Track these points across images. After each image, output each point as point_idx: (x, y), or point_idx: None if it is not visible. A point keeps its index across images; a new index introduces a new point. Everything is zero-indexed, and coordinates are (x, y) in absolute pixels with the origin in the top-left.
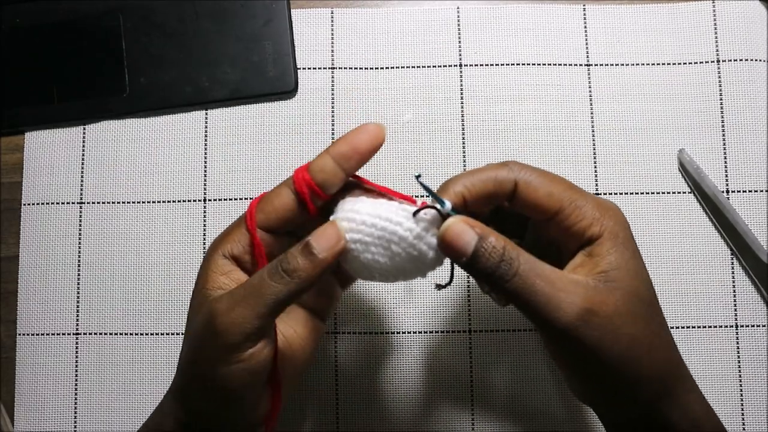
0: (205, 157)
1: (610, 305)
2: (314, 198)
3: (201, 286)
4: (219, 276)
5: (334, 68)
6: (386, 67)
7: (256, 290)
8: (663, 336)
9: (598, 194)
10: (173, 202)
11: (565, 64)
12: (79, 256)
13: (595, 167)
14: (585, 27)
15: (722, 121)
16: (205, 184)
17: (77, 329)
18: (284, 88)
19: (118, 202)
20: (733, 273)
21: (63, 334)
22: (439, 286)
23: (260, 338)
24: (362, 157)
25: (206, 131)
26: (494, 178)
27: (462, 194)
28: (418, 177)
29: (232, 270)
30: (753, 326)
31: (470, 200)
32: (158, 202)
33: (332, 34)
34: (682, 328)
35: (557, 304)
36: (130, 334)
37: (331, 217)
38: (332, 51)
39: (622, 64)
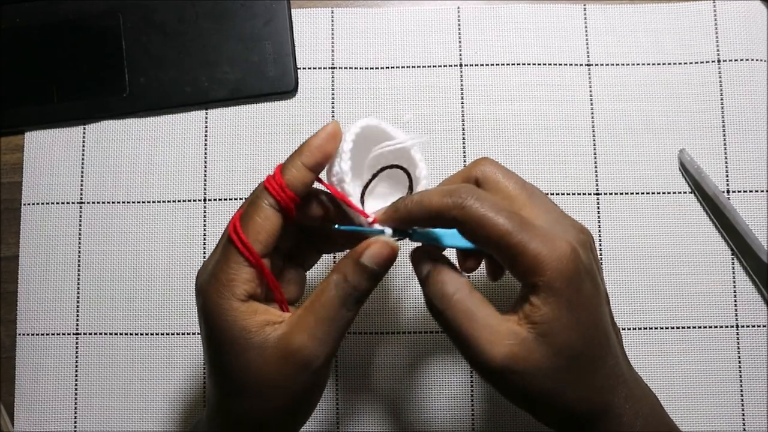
0: (205, 157)
1: (531, 362)
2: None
3: (238, 335)
4: (252, 318)
5: (334, 68)
6: (386, 67)
7: (332, 321)
8: (591, 382)
9: (598, 194)
10: (173, 202)
11: (566, 64)
12: (79, 256)
13: (596, 167)
14: (585, 27)
15: (723, 121)
16: (205, 184)
17: (77, 329)
18: (284, 88)
19: (118, 202)
20: (733, 273)
21: (63, 334)
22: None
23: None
24: (329, 160)
25: (206, 131)
26: (436, 209)
27: (403, 219)
28: (336, 227)
29: (257, 308)
30: (753, 326)
31: (413, 224)
32: (158, 202)
33: (332, 34)
34: (682, 328)
35: (480, 353)
36: (130, 334)
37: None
38: (332, 51)
39: (623, 64)
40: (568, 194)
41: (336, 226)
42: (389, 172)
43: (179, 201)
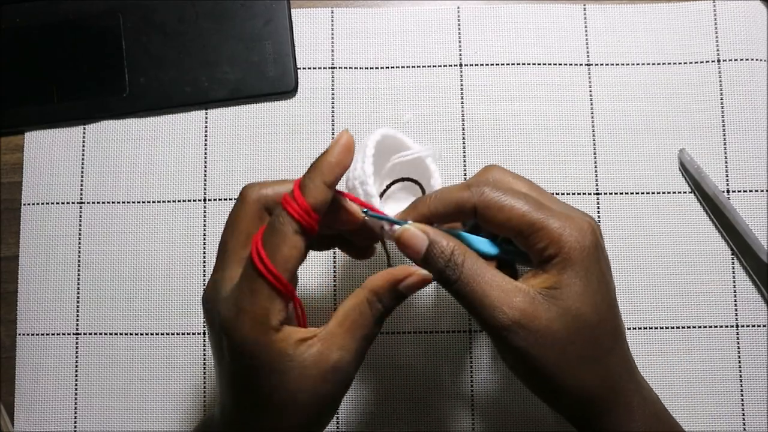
0: (205, 157)
1: (541, 321)
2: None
3: (276, 359)
4: (287, 342)
5: (334, 68)
6: (386, 67)
7: (366, 338)
8: (601, 361)
9: (598, 194)
10: (173, 202)
11: (565, 64)
12: (79, 256)
13: (595, 167)
14: (585, 26)
15: (722, 121)
16: (205, 184)
17: (77, 329)
18: (284, 88)
19: (118, 202)
20: (733, 273)
21: (63, 334)
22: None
23: None
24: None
25: (206, 131)
26: (455, 201)
27: (424, 214)
28: (366, 212)
29: (289, 331)
30: (753, 326)
31: (434, 219)
32: (158, 202)
33: (332, 34)
34: (682, 328)
35: (492, 310)
36: (130, 334)
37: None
38: (332, 51)
39: (623, 64)
40: (568, 194)
41: (365, 210)
42: (404, 182)
43: (179, 201)
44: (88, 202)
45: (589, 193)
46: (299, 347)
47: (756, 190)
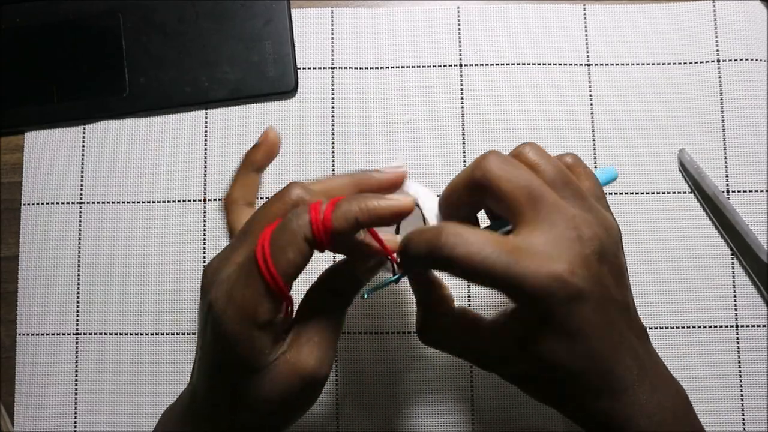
0: (205, 157)
1: (520, 368)
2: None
3: (249, 355)
4: (266, 339)
5: (334, 68)
6: (386, 67)
7: (336, 335)
8: (591, 407)
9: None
10: (173, 202)
11: (565, 64)
12: (79, 256)
13: (595, 167)
14: (585, 26)
15: (722, 121)
16: (205, 184)
17: (77, 329)
18: (284, 88)
19: (118, 202)
20: (733, 273)
21: (63, 334)
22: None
23: None
24: None
25: (206, 131)
26: (466, 202)
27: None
28: (364, 297)
29: (271, 329)
30: (753, 326)
31: (453, 211)
32: (158, 202)
33: (332, 34)
34: (682, 328)
35: (475, 361)
36: (130, 334)
37: None
38: (332, 51)
39: (623, 64)
40: None
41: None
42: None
43: (179, 201)
44: (88, 202)
45: None
46: (274, 347)
47: (756, 190)
